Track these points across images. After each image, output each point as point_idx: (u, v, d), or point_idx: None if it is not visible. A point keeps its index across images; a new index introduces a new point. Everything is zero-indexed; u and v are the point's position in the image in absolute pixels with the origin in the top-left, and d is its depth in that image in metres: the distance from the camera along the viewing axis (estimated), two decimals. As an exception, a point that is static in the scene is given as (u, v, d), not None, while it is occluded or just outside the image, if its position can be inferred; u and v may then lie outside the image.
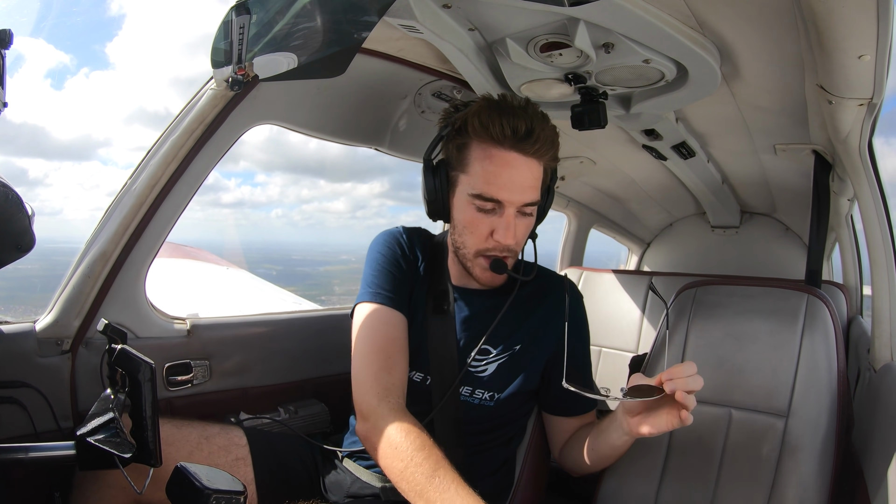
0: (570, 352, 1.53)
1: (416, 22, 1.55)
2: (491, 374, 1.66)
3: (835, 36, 1.22)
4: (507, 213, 1.54)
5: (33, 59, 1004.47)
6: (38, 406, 1.57)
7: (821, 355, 1.81)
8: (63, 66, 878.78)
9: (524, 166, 1.52)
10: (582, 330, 1.83)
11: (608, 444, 1.64)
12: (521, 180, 1.53)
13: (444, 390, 1.63)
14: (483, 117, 1.51)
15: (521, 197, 1.54)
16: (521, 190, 1.53)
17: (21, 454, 1.12)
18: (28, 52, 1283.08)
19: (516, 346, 1.67)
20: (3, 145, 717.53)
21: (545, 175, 1.61)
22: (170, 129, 1.68)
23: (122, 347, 1.15)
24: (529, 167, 1.53)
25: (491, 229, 1.56)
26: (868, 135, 1.68)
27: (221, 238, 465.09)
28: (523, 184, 1.53)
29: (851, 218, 3.01)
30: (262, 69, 1.51)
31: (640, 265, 4.46)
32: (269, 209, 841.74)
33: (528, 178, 1.54)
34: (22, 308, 1.65)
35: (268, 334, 2.08)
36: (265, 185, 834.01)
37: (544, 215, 1.73)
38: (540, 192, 1.60)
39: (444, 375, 1.64)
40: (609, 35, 1.51)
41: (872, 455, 1.63)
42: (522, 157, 1.51)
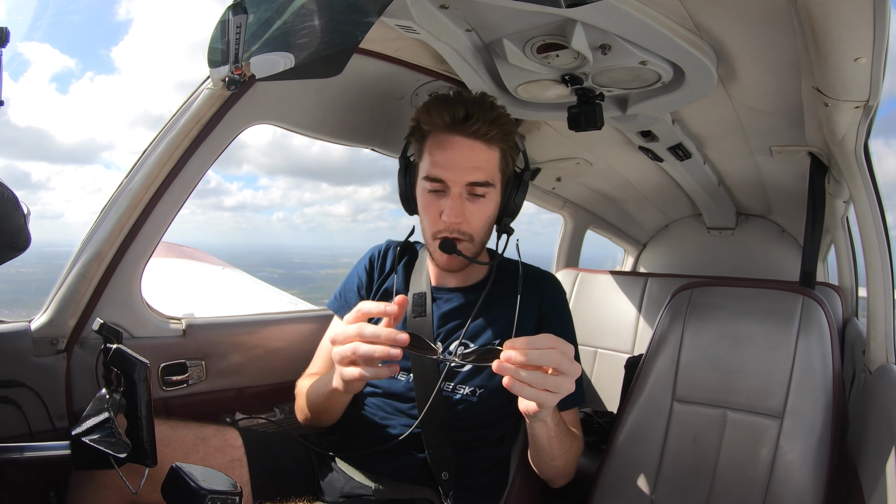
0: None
1: (413, 22, 1.54)
2: (471, 370, 1.67)
3: (831, 38, 1.22)
4: (453, 192, 1.61)
5: (39, 63, 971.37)
6: (33, 406, 1.57)
7: (816, 357, 1.82)
8: (68, 70, 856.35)
9: (466, 147, 1.60)
10: (559, 325, 1.77)
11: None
12: (463, 160, 1.60)
13: (426, 387, 1.65)
14: (429, 108, 1.63)
15: (462, 176, 1.60)
16: (463, 170, 1.60)
17: (16, 454, 1.12)
18: (34, 55, 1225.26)
19: (496, 342, 1.67)
20: (7, 148, 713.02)
21: (504, 161, 1.67)
22: (166, 128, 1.68)
23: (117, 347, 1.15)
24: (472, 148, 1.60)
25: (440, 210, 1.63)
26: (864, 137, 1.68)
27: (223, 241, 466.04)
28: (465, 164, 1.60)
29: (847, 220, 3.02)
30: (259, 69, 1.51)
31: (635, 266, 4.46)
32: (271, 212, 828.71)
33: (472, 158, 1.60)
34: (25, 312, 1.67)
35: (263, 334, 2.07)
36: (267, 189, 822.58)
37: (514, 207, 1.72)
38: (492, 176, 1.64)
39: (425, 373, 1.67)
40: (606, 36, 1.51)
41: (867, 456, 1.63)
42: (463, 139, 1.60)
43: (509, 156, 1.69)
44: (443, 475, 1.61)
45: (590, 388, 3.34)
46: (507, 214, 1.71)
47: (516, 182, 1.71)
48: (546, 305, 1.75)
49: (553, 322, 1.75)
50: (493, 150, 1.63)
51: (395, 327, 1.62)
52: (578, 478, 2.56)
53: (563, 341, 1.25)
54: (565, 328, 1.79)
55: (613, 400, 3.12)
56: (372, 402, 1.77)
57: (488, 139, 1.61)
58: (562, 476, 1.69)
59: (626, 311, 3.33)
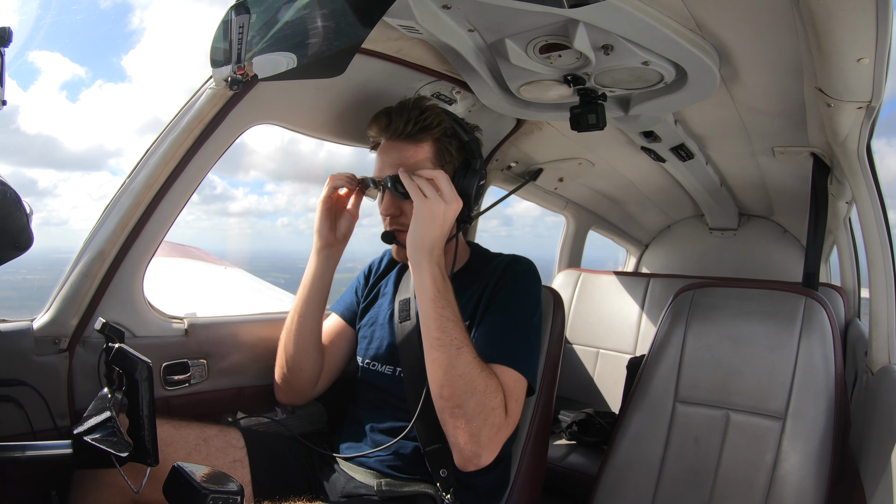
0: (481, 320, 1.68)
1: (415, 22, 1.54)
2: None
3: (834, 39, 1.22)
4: (383, 191, 1.75)
5: (50, 72, 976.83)
6: (35, 405, 1.57)
7: (818, 358, 1.82)
8: (79, 79, 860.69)
9: (392, 148, 1.72)
10: (502, 300, 1.70)
11: None
12: (389, 160, 1.71)
13: (414, 382, 1.67)
14: (369, 124, 1.79)
15: (385, 173, 1.70)
16: (389, 168, 1.71)
17: (18, 452, 1.12)
18: (44, 64, 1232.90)
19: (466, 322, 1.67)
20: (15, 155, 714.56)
21: (439, 153, 1.72)
22: (168, 128, 1.68)
23: (119, 346, 1.15)
24: (397, 148, 1.71)
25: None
26: (866, 138, 1.68)
27: (227, 247, 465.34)
28: (391, 162, 1.71)
29: (850, 221, 3.02)
30: (262, 69, 1.51)
31: (638, 267, 4.46)
32: (275, 218, 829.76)
33: (396, 157, 1.70)
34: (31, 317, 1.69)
35: (265, 334, 2.07)
36: (273, 195, 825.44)
37: (468, 194, 1.72)
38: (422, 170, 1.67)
39: (412, 368, 1.69)
40: (608, 37, 1.51)
41: (869, 457, 1.63)
42: (390, 142, 1.73)
43: (445, 148, 1.72)
44: (441, 472, 1.60)
45: (592, 388, 3.35)
46: (466, 208, 1.71)
47: (463, 171, 1.73)
48: (495, 283, 1.73)
49: (495, 296, 1.71)
50: (421, 145, 1.70)
51: (377, 327, 1.87)
52: (580, 478, 2.57)
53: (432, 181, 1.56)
54: (507, 302, 1.69)
55: (615, 400, 3.12)
56: (366, 400, 1.79)
57: (410, 136, 1.69)
58: (447, 403, 1.49)
59: (629, 312, 3.33)
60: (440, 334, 1.48)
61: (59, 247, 26.31)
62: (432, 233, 1.52)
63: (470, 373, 1.47)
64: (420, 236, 1.51)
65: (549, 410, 1.86)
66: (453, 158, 1.73)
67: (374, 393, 1.78)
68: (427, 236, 1.51)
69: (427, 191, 1.52)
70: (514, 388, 1.57)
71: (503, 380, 1.55)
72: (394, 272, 1.96)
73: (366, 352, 1.85)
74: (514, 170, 2.86)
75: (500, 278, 1.73)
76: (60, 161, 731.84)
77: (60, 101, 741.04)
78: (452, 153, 1.73)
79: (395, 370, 1.75)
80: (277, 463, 1.71)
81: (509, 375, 1.57)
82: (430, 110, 1.72)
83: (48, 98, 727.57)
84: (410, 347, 1.72)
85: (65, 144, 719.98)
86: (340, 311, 1.99)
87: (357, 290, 2.01)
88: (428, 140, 1.70)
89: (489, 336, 1.62)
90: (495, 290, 1.71)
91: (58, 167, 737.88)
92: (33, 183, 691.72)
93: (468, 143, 1.74)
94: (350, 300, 2.00)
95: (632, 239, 4.36)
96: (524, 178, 2.94)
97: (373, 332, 1.86)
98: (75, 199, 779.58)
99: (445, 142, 1.72)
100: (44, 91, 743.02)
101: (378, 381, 1.78)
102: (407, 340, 1.74)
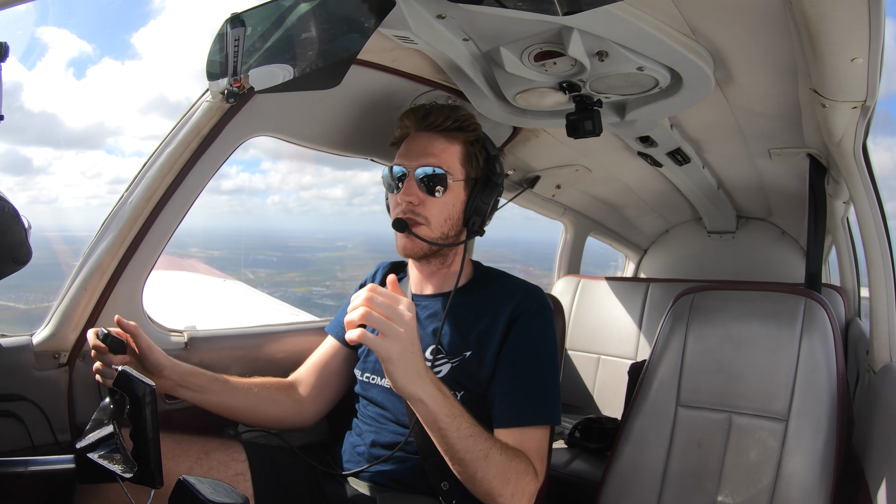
0: (501, 368, 1.63)
1: (410, 32, 1.55)
2: (444, 376, 1.65)
3: (827, 39, 1.23)
4: (409, 176, 1.68)
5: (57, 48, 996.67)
6: (36, 419, 1.56)
7: (820, 358, 1.82)
8: (86, 56, 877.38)
9: (424, 138, 1.72)
10: (525, 347, 1.65)
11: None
12: (419, 148, 1.70)
13: None
14: (402, 116, 1.79)
15: (416, 161, 1.68)
16: (417, 155, 1.69)
17: (20, 468, 1.12)
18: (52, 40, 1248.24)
19: (466, 353, 1.67)
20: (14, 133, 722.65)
21: (467, 157, 1.72)
22: (166, 141, 1.68)
23: (122, 369, 1.14)
24: (429, 138, 1.71)
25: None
26: (862, 137, 1.69)
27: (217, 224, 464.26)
28: (420, 150, 1.69)
29: (847, 220, 3.02)
30: (258, 81, 1.52)
31: (637, 272, 4.47)
32: (266, 196, 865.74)
33: (427, 146, 1.70)
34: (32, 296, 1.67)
35: (265, 346, 2.07)
36: (266, 173, 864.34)
37: (482, 206, 1.73)
38: (450, 167, 1.69)
39: None
40: (602, 43, 1.52)
41: (873, 456, 1.63)
42: (423, 133, 1.73)
43: (474, 154, 1.73)
44: (443, 485, 1.59)
45: (593, 394, 3.35)
46: (475, 213, 1.72)
47: (484, 182, 1.73)
48: (511, 316, 1.68)
49: (518, 333, 1.66)
50: (453, 144, 1.71)
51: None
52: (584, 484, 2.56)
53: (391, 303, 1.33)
54: (526, 349, 1.65)
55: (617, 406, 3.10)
56: (366, 414, 1.78)
57: (445, 131, 1.71)
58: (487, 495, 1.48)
59: (629, 317, 3.33)
60: (465, 454, 1.41)
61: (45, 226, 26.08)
62: (413, 363, 1.33)
63: (502, 471, 1.46)
64: (403, 375, 1.32)
65: (551, 417, 1.85)
66: (479, 168, 1.74)
67: (373, 407, 1.77)
68: (410, 369, 1.33)
69: (388, 330, 1.29)
70: (541, 444, 1.61)
71: (530, 442, 1.57)
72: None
73: (364, 365, 1.83)
74: (512, 178, 2.87)
75: (518, 314, 1.67)
76: (58, 139, 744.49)
77: (66, 79, 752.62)
78: (480, 163, 1.74)
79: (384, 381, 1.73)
80: (280, 476, 1.70)
81: (535, 434, 1.59)
82: (468, 115, 1.75)
83: (54, 75, 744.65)
84: None
85: (65, 122, 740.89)
86: (334, 331, 1.96)
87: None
88: (461, 140, 1.72)
89: (513, 395, 1.60)
90: (512, 330, 1.65)
91: (55, 145, 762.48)
92: (28, 161, 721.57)
93: (494, 157, 1.76)
94: (342, 319, 1.94)
95: (630, 244, 4.36)
96: (522, 185, 2.95)
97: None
98: (68, 178, 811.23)
99: (476, 148, 1.74)
100: (50, 68, 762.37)
101: (377, 395, 1.77)
102: None
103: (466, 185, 1.72)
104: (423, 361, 1.37)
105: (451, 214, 1.70)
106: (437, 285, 1.81)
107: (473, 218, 1.72)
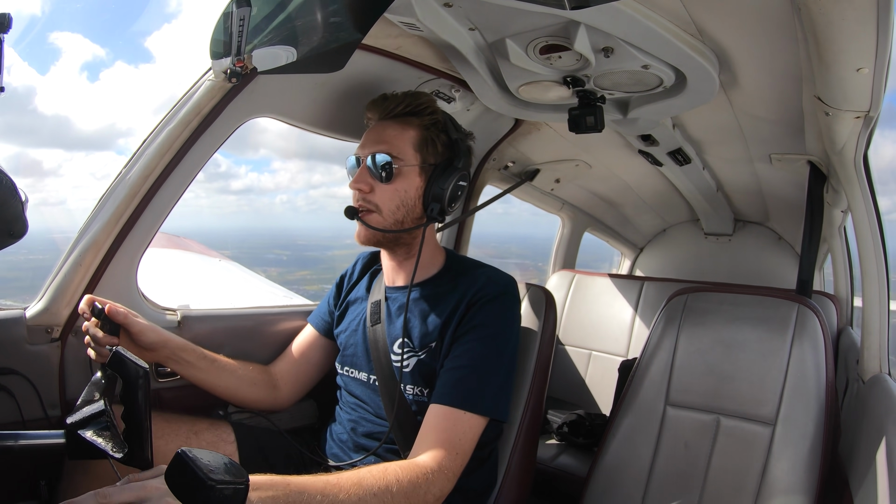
0: (452, 348, 1.62)
1: (416, 19, 1.54)
2: (412, 370, 1.66)
3: (834, 48, 1.22)
4: (361, 166, 1.69)
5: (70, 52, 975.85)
6: (26, 394, 1.56)
7: (810, 365, 1.83)
8: (99, 60, 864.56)
9: (379, 126, 1.73)
10: (476, 330, 1.62)
11: None
12: (373, 136, 1.71)
13: (387, 388, 1.68)
14: (366, 109, 1.80)
15: (369, 149, 1.69)
16: (371, 143, 1.70)
17: (9, 442, 1.11)
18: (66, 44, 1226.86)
19: (432, 344, 1.66)
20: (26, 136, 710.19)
21: (423, 142, 1.71)
22: (166, 119, 1.67)
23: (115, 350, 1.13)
24: (384, 126, 1.72)
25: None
26: (864, 147, 1.69)
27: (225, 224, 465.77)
28: (372, 138, 1.71)
29: (844, 229, 3.03)
30: (261, 62, 1.51)
31: (632, 270, 4.47)
32: (275, 195, 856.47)
33: (381, 134, 1.70)
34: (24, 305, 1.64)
35: (257, 327, 2.07)
36: (276, 172, 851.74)
37: (440, 192, 1.70)
38: (401, 152, 1.68)
39: (384, 374, 1.70)
40: (609, 39, 1.51)
41: (858, 465, 1.64)
42: (380, 122, 1.74)
43: (430, 139, 1.71)
44: None
45: (583, 390, 3.35)
46: (434, 200, 1.70)
47: (444, 167, 1.71)
48: (468, 303, 1.65)
49: (472, 316, 1.63)
50: (408, 129, 1.70)
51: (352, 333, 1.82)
52: (570, 479, 2.58)
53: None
54: (478, 335, 1.61)
55: (606, 403, 3.12)
56: (348, 406, 1.80)
57: (399, 116, 1.72)
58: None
59: (622, 315, 3.34)
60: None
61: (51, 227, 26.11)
62: None
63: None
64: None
65: (539, 411, 1.86)
66: (437, 153, 1.72)
67: (353, 400, 1.79)
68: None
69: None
70: (465, 432, 1.51)
71: (454, 428, 1.50)
72: (366, 276, 1.95)
73: (343, 358, 1.84)
74: (511, 169, 2.86)
75: (475, 300, 1.64)
76: (69, 141, 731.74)
77: (79, 82, 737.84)
78: (438, 148, 1.72)
79: (369, 377, 1.75)
80: (267, 458, 1.71)
81: (463, 420, 1.52)
82: (426, 99, 1.74)
83: (66, 79, 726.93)
84: (381, 353, 1.72)
85: (76, 124, 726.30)
86: (315, 321, 1.99)
87: (330, 300, 1.99)
88: (415, 125, 1.70)
89: (451, 375, 1.57)
90: (467, 315, 1.63)
91: (66, 147, 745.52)
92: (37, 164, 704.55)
93: (456, 140, 1.73)
94: (324, 310, 1.99)
95: (627, 242, 4.37)
96: (521, 177, 2.94)
97: (348, 339, 1.84)
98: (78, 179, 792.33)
99: (433, 132, 1.71)
100: (63, 72, 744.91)
101: (356, 388, 1.79)
102: (377, 345, 1.73)
103: (423, 170, 1.70)
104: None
105: (403, 201, 1.69)
106: (406, 277, 1.80)
107: (432, 204, 1.70)
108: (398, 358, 1.67)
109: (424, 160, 1.70)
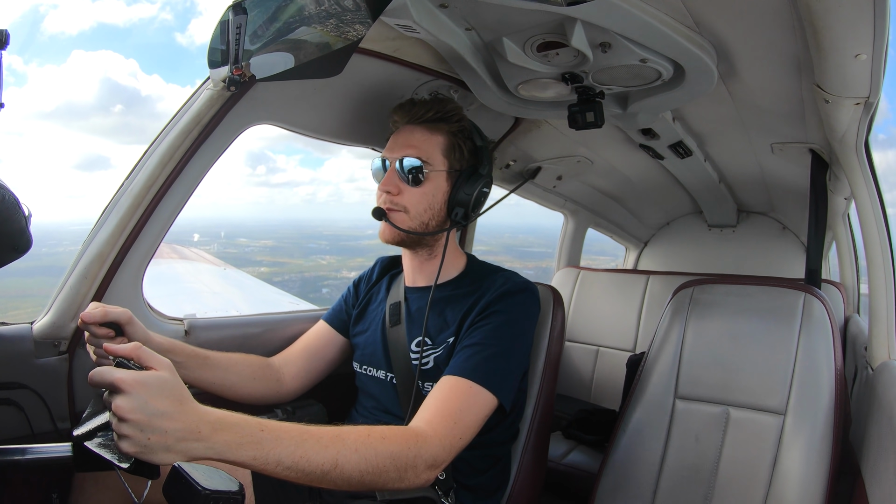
0: (467, 333, 1.62)
1: (412, 22, 1.54)
2: (431, 367, 1.68)
3: (831, 35, 1.22)
4: (389, 167, 1.73)
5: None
6: (35, 407, 1.57)
7: (818, 353, 1.82)
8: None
9: (407, 130, 1.75)
10: (494, 316, 1.63)
11: None
12: (401, 140, 1.74)
13: (405, 386, 1.70)
14: (393, 110, 1.82)
15: (398, 153, 1.72)
16: (399, 147, 1.72)
17: (19, 455, 1.12)
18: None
19: (449, 340, 1.68)
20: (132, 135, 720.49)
21: (450, 148, 1.74)
22: (166, 129, 1.68)
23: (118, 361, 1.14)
24: (412, 130, 1.74)
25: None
26: (864, 133, 1.68)
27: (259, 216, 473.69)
28: (402, 143, 1.73)
29: (848, 216, 3.02)
30: (259, 69, 1.51)
31: (637, 264, 4.47)
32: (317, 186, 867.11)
33: (409, 138, 1.73)
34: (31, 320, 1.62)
35: (264, 334, 2.07)
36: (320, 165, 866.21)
37: (465, 197, 1.73)
38: (430, 157, 1.71)
39: (402, 372, 1.72)
40: (606, 34, 1.51)
41: (869, 453, 1.63)
42: (408, 126, 1.75)
43: (458, 145, 1.74)
44: (439, 475, 1.60)
45: (592, 386, 3.35)
46: (458, 204, 1.73)
47: (469, 173, 1.74)
48: (488, 301, 1.66)
49: (486, 314, 1.64)
50: (436, 135, 1.73)
51: (370, 333, 1.85)
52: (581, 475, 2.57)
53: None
54: (496, 321, 1.62)
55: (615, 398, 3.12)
56: (364, 406, 1.82)
57: (428, 122, 1.73)
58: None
59: (628, 310, 3.33)
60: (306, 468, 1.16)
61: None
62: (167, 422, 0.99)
63: (374, 464, 1.24)
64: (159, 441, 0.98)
65: (549, 409, 1.86)
66: (464, 159, 1.75)
67: (371, 400, 1.80)
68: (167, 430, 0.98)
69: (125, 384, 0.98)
70: (471, 403, 1.49)
71: (460, 398, 1.48)
72: (385, 279, 1.97)
73: (361, 357, 1.86)
74: (513, 168, 2.86)
75: (494, 298, 1.66)
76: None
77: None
78: (464, 153, 1.75)
79: (387, 375, 1.77)
80: None
81: (471, 393, 1.50)
82: (454, 106, 1.77)
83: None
84: (400, 352, 1.74)
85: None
86: (329, 318, 2.00)
87: (347, 300, 2.01)
88: (443, 130, 1.73)
89: (463, 353, 1.57)
90: (486, 308, 1.65)
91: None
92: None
93: (482, 148, 1.77)
94: (339, 308, 2.01)
95: (631, 236, 4.37)
96: (523, 176, 2.94)
97: (366, 338, 1.87)
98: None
99: (460, 138, 1.75)
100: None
101: (373, 387, 1.80)
102: (397, 344, 1.76)
103: (450, 175, 1.73)
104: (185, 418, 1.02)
105: (431, 204, 1.72)
106: (426, 278, 1.82)
107: (456, 209, 1.73)
108: (416, 356, 1.69)
109: (451, 166, 1.73)
